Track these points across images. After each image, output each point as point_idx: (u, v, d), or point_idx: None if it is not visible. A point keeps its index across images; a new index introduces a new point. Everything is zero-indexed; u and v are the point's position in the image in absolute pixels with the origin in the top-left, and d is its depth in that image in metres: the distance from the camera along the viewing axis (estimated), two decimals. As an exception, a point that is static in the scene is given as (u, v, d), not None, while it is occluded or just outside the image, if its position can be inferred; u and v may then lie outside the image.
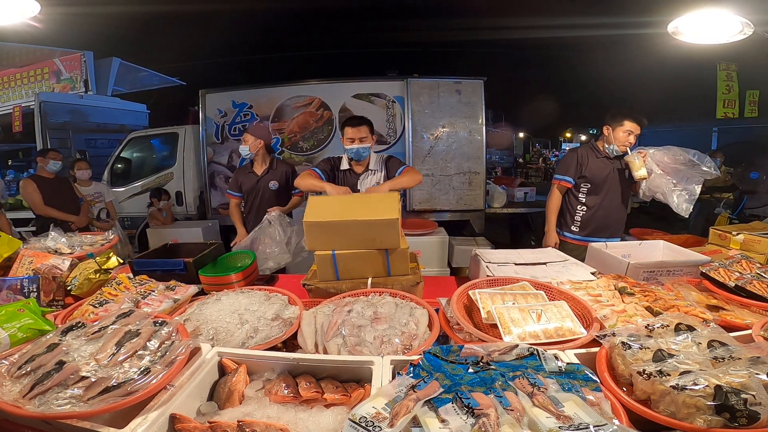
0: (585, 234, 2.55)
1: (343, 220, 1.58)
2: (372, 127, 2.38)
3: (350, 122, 2.34)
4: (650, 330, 1.00)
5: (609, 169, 2.48)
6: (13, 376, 0.92)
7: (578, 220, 2.57)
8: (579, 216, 2.57)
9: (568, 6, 5.53)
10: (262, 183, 2.96)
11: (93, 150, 6.34)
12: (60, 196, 3.77)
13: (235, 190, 3.06)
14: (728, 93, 6.63)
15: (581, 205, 2.56)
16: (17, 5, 2.08)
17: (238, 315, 1.27)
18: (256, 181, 2.97)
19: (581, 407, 0.76)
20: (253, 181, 2.97)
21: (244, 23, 6.75)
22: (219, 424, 0.84)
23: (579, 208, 2.57)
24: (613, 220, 2.55)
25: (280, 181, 2.97)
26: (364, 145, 2.31)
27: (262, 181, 2.96)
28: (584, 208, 2.55)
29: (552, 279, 1.51)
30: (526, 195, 5.52)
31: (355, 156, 2.34)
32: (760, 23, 2.13)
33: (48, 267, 1.75)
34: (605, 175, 2.48)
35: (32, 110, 5.93)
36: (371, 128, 2.37)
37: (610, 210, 2.52)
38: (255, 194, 2.98)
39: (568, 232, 2.61)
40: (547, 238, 2.61)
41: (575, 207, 2.58)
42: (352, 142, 2.30)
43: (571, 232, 2.60)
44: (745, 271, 1.44)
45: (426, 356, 0.92)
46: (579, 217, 2.57)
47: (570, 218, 2.61)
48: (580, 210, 2.57)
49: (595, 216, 2.53)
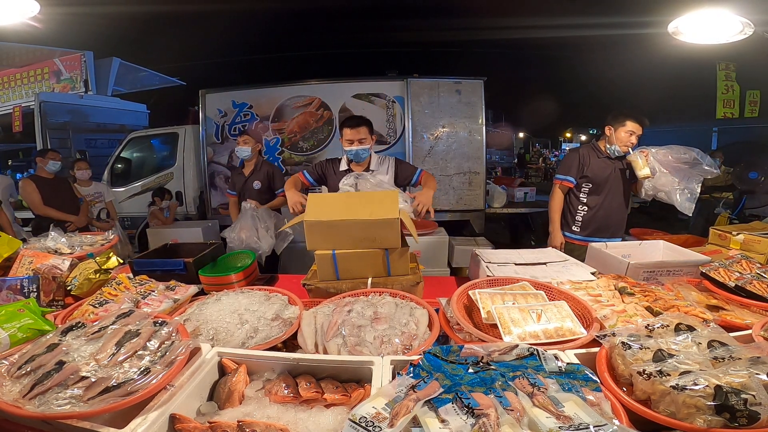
0: (586, 234, 2.54)
1: (343, 220, 1.58)
2: (371, 128, 2.33)
3: (348, 123, 2.28)
4: (650, 330, 1.00)
5: (610, 169, 2.49)
6: (13, 376, 0.92)
7: (579, 220, 2.57)
8: (580, 216, 2.57)
9: (568, 6, 5.53)
10: (248, 183, 3.21)
11: (93, 150, 6.34)
12: (59, 197, 3.77)
13: (232, 189, 3.34)
14: (728, 93, 6.63)
15: (582, 205, 2.56)
16: (17, 5, 2.08)
17: (238, 315, 1.27)
18: (244, 181, 3.23)
19: (581, 407, 0.76)
20: (242, 181, 3.24)
21: (244, 23, 6.75)
22: (219, 424, 0.84)
23: (580, 208, 2.57)
24: (614, 220, 2.55)
25: (262, 181, 3.20)
26: (363, 146, 2.25)
27: (248, 181, 3.21)
28: (585, 208, 2.55)
29: (552, 279, 1.51)
30: (526, 195, 5.52)
31: (354, 157, 2.30)
32: (760, 23, 2.12)
33: (48, 267, 1.75)
34: (606, 175, 2.48)
35: (32, 110, 5.93)
36: (371, 128, 2.32)
37: (611, 210, 2.52)
38: (243, 194, 3.21)
39: (569, 232, 2.61)
40: (552, 238, 2.60)
41: (576, 207, 2.58)
42: (351, 143, 2.25)
43: (572, 232, 2.60)
44: (745, 271, 1.44)
45: (426, 356, 0.92)
46: (580, 217, 2.57)
47: (571, 218, 2.61)
48: (581, 210, 2.57)
49: (597, 216, 2.53)
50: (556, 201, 2.60)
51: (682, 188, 2.23)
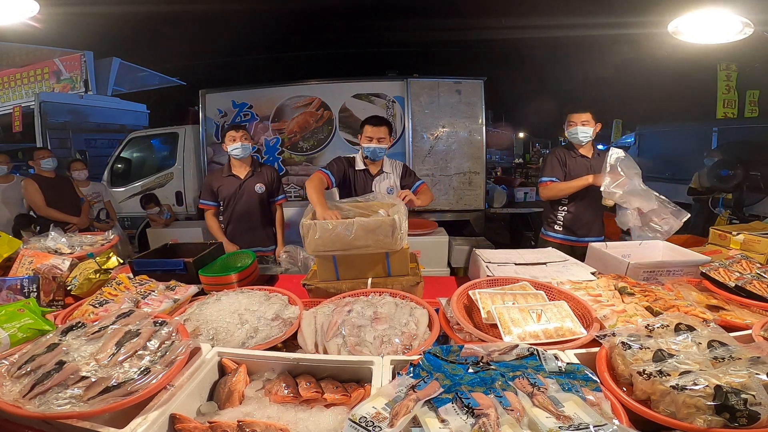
0: (569, 233, 2.59)
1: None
2: (391, 129, 2.38)
3: (371, 121, 2.33)
4: (650, 330, 1.00)
5: (586, 167, 2.52)
6: (13, 376, 0.92)
7: (560, 219, 2.61)
8: (561, 215, 2.61)
9: (568, 6, 5.53)
10: (246, 187, 2.72)
11: (93, 150, 6.35)
12: (62, 197, 3.77)
13: (209, 199, 2.76)
14: (728, 93, 6.62)
15: (562, 206, 2.61)
16: (17, 5, 2.08)
17: (238, 315, 1.27)
18: (238, 185, 2.72)
19: (581, 407, 0.76)
20: (235, 186, 2.72)
21: (244, 23, 6.74)
22: (219, 424, 0.84)
23: (560, 208, 2.62)
24: (593, 218, 2.58)
25: (266, 184, 2.78)
26: (381, 145, 2.31)
27: (246, 185, 2.72)
28: (565, 208, 2.60)
29: (552, 279, 1.51)
30: (526, 195, 5.53)
31: (371, 155, 2.33)
32: (760, 23, 2.12)
33: (48, 267, 1.75)
34: (584, 173, 2.50)
35: (32, 110, 5.93)
36: (390, 130, 2.37)
37: (588, 209, 2.55)
38: (236, 200, 2.73)
39: (552, 232, 2.65)
40: (597, 179, 2.35)
41: (557, 207, 2.63)
42: (371, 140, 2.29)
43: (554, 231, 2.64)
44: (745, 271, 1.44)
45: (426, 356, 0.92)
46: (561, 216, 2.61)
47: (552, 218, 2.65)
48: (561, 210, 2.61)
49: (576, 215, 2.57)
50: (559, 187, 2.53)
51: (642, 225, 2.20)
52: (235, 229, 2.77)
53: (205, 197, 2.79)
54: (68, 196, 3.86)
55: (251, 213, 2.76)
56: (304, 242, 1.59)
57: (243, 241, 2.70)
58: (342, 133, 4.87)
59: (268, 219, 2.86)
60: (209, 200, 2.77)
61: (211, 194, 2.76)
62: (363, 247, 1.55)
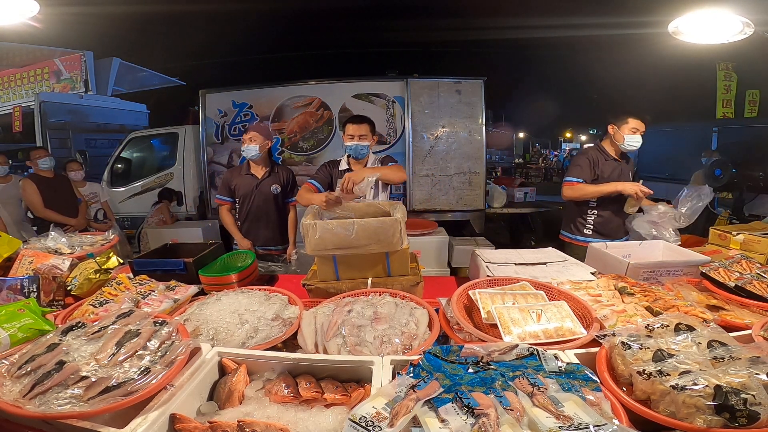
0: (600, 237, 2.48)
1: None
2: (373, 127, 2.39)
3: (352, 119, 2.36)
4: (650, 330, 1.00)
5: (618, 171, 2.47)
6: (13, 376, 0.92)
7: (591, 223, 2.52)
8: (592, 219, 2.52)
9: (568, 6, 5.53)
10: (262, 186, 2.76)
11: (93, 150, 6.35)
12: (60, 197, 3.77)
13: (225, 195, 2.81)
14: (727, 93, 6.63)
15: (593, 209, 2.51)
16: (17, 5, 2.08)
17: (238, 315, 1.27)
18: (255, 184, 2.76)
19: (581, 407, 0.76)
20: (251, 184, 2.76)
21: (244, 23, 6.76)
22: (219, 424, 0.84)
23: (590, 211, 2.52)
24: (620, 222, 2.50)
25: (282, 185, 2.81)
26: (363, 142, 2.31)
27: (262, 184, 2.76)
28: (596, 211, 2.51)
29: (552, 279, 1.51)
30: (526, 195, 5.53)
31: (353, 153, 2.34)
32: (760, 23, 2.12)
33: (48, 267, 1.75)
34: (615, 177, 2.45)
35: (32, 110, 5.94)
36: (372, 128, 2.38)
37: (618, 212, 2.47)
38: (251, 198, 2.77)
39: (581, 236, 2.55)
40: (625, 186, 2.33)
41: (586, 211, 2.53)
42: (352, 138, 2.31)
43: (584, 236, 2.54)
44: (745, 271, 1.44)
45: (426, 356, 0.92)
46: (592, 220, 2.52)
47: (582, 222, 2.56)
48: (591, 213, 2.52)
49: (608, 218, 2.49)
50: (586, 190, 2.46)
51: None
52: (249, 227, 2.82)
53: (222, 193, 2.83)
54: (66, 196, 3.86)
55: (265, 212, 2.79)
56: (304, 242, 1.59)
57: (256, 239, 2.77)
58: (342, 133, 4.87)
59: (282, 219, 2.90)
60: (225, 196, 2.82)
61: (228, 190, 2.81)
62: (363, 247, 1.55)
